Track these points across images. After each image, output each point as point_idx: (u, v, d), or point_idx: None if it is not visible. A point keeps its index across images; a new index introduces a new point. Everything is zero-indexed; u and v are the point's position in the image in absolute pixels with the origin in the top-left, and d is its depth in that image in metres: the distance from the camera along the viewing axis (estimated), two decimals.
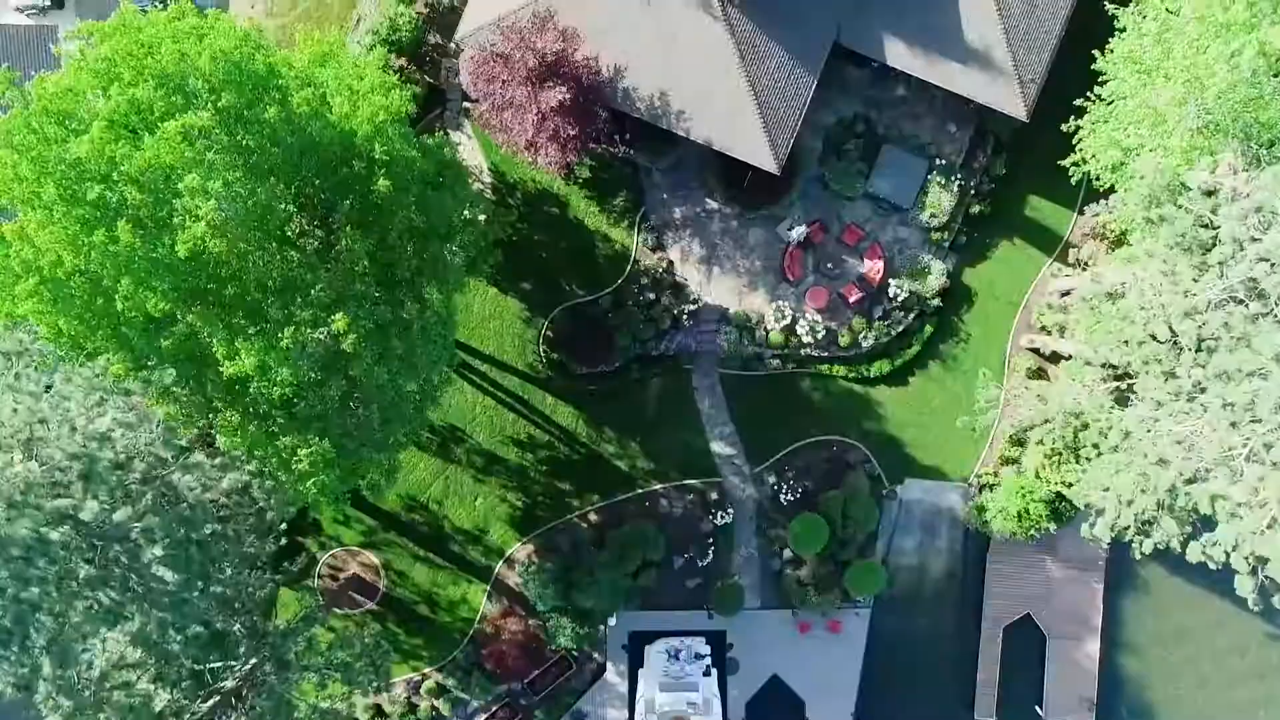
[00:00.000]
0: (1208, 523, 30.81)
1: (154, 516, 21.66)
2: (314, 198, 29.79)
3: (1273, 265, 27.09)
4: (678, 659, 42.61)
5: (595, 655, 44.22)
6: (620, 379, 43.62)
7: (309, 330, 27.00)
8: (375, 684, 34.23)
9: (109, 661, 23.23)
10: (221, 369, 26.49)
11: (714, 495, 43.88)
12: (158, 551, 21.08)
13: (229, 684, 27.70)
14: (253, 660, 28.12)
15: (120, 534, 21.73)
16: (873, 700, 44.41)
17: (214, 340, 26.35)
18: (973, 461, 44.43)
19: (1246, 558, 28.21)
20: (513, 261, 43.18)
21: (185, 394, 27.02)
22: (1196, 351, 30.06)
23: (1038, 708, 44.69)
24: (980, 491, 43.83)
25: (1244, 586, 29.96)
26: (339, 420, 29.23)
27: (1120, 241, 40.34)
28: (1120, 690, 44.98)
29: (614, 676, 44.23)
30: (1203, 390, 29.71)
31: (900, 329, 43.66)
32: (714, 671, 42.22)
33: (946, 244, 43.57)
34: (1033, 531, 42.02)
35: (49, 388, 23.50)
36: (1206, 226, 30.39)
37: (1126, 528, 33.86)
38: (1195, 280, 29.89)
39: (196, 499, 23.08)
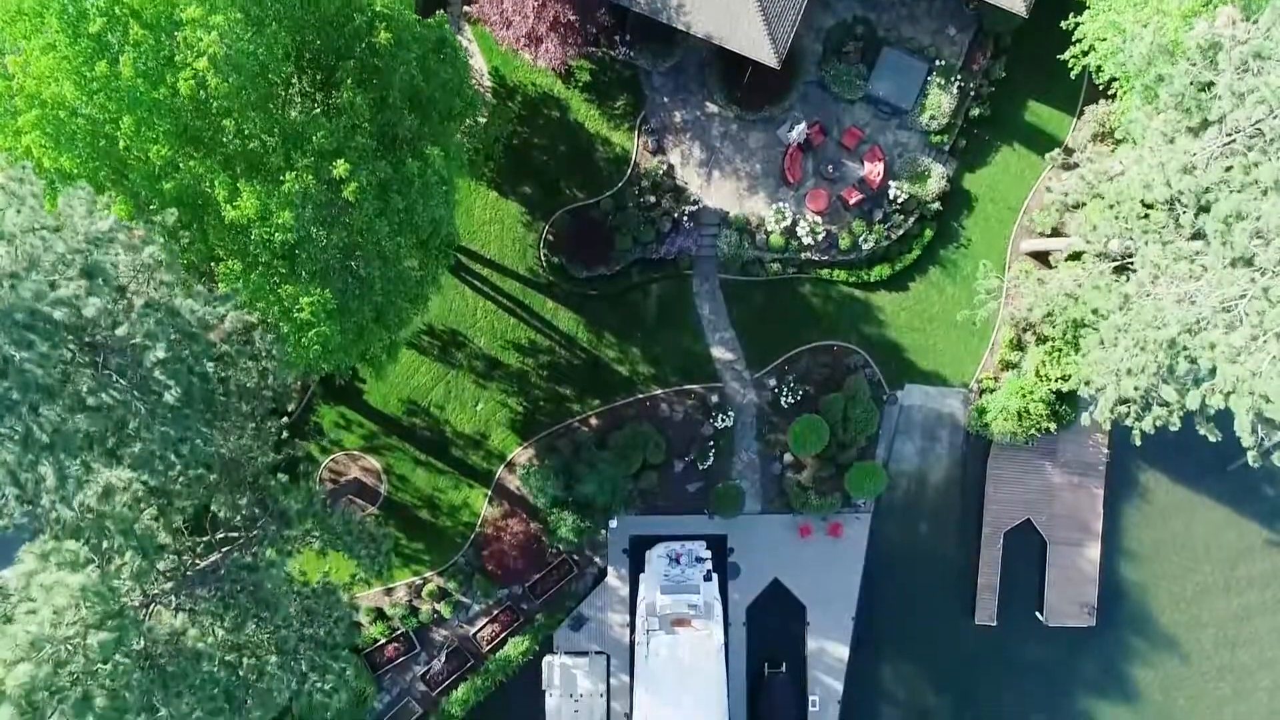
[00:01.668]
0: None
1: (156, 327, 21.69)
2: (315, 60, 29.88)
3: (1272, 109, 27.17)
4: (678, 563, 42.64)
5: (596, 559, 44.30)
6: (620, 283, 43.69)
7: (310, 177, 27.08)
8: (376, 563, 34.14)
9: (109, 490, 23.26)
10: (223, 214, 26.60)
11: (714, 399, 43.97)
12: (160, 353, 21.08)
13: (226, 535, 27.76)
14: (254, 511, 28.18)
15: (121, 345, 21.77)
16: (873, 605, 44.47)
17: (215, 184, 26.42)
18: (973, 366, 44.49)
19: (1247, 407, 28.25)
20: (513, 165, 43.39)
21: (187, 238, 27.14)
22: (1197, 213, 30.20)
23: (1038, 613, 44.73)
24: (980, 395, 43.91)
25: (1245, 440, 30.13)
26: (340, 279, 29.32)
27: (1120, 143, 40.37)
28: (1120, 595, 44.99)
29: (615, 581, 44.28)
30: (1202, 240, 29.83)
31: (900, 233, 43.73)
32: (715, 576, 42.19)
33: (946, 148, 43.64)
34: (1033, 431, 42.14)
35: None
36: (1205, 89, 30.48)
37: (1126, 405, 33.97)
38: (1195, 138, 30.00)
39: (199, 322, 23.11)
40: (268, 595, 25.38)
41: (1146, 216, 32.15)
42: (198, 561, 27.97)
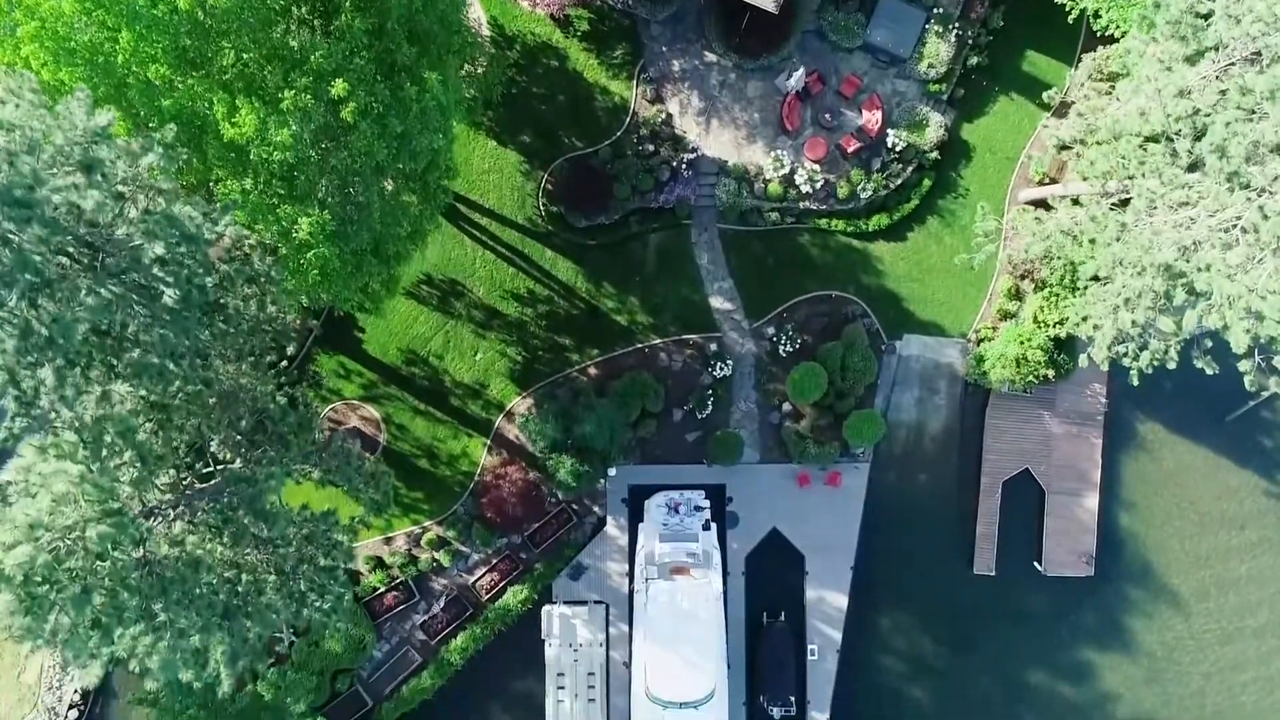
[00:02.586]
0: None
1: (155, 227, 21.74)
2: None
3: (1267, 27, 27.21)
4: (677, 513, 42.70)
5: (595, 509, 44.37)
6: (619, 232, 43.74)
7: (308, 97, 27.10)
8: (375, 500, 34.25)
9: (106, 394, 23.33)
10: (222, 132, 26.65)
11: (713, 349, 44.04)
12: (159, 250, 21.13)
13: (224, 454, 27.80)
14: (254, 436, 28.22)
15: (120, 247, 21.82)
16: (872, 554, 44.51)
17: (214, 101, 26.46)
18: (971, 316, 44.54)
19: (1244, 329, 28.28)
20: (511, 115, 43.47)
21: (185, 155, 27.18)
22: (1193, 142, 30.26)
23: (1036, 563, 44.80)
24: (979, 344, 43.96)
25: (1242, 365, 30.22)
26: (339, 204, 29.35)
27: (1118, 79, 40.38)
28: (1118, 545, 45.05)
29: (614, 530, 44.35)
30: (1198, 172, 29.89)
31: (898, 182, 43.77)
32: (713, 525, 42.24)
33: (944, 97, 43.69)
34: (1031, 378, 42.19)
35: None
36: (1202, 18, 30.53)
37: (1124, 345, 34.04)
38: (1191, 65, 30.07)
39: (197, 228, 23.14)
40: (266, 510, 25.42)
41: (1144, 150, 32.22)
42: (196, 483, 28.04)
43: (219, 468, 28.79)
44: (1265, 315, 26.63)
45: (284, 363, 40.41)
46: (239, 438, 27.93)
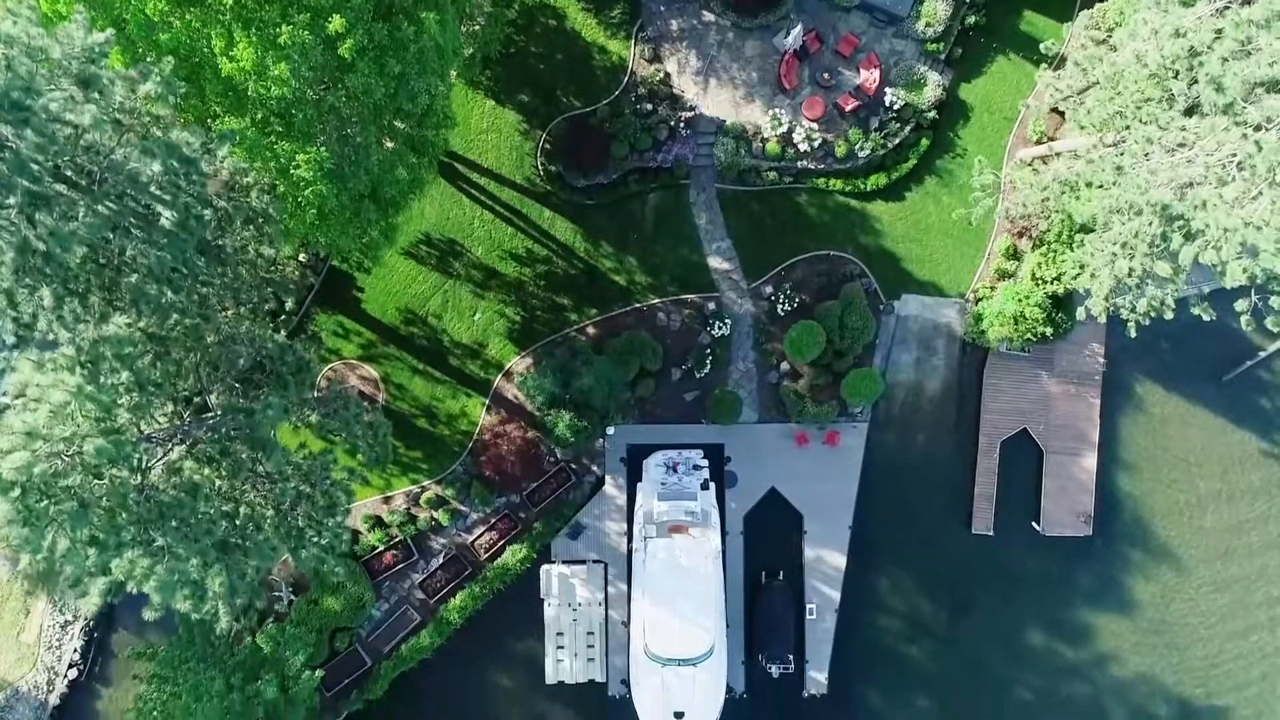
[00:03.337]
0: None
1: (153, 146, 21.79)
2: None
3: None
4: (675, 472, 42.74)
5: (594, 468, 44.41)
6: (617, 192, 43.79)
7: (306, 33, 27.13)
8: (374, 448, 34.25)
9: (104, 316, 23.36)
10: (220, 67, 26.70)
11: (711, 308, 44.07)
12: (156, 167, 21.17)
13: (222, 394, 27.83)
14: (253, 375, 28.27)
15: (118, 169, 21.85)
16: (871, 514, 44.53)
17: (212, 35, 26.51)
18: (969, 276, 44.58)
19: (1241, 268, 28.30)
20: (510, 74, 43.52)
21: (184, 89, 27.18)
22: (1190, 85, 30.28)
23: (1034, 522, 44.82)
24: (977, 303, 43.99)
25: (1239, 305, 30.29)
26: (337, 145, 29.39)
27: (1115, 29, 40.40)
28: (1117, 505, 45.07)
29: (612, 489, 44.38)
30: (1195, 116, 29.92)
31: (896, 141, 43.82)
32: (712, 484, 42.29)
33: (942, 56, 43.73)
34: (1029, 336, 42.18)
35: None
36: None
37: (1122, 294, 34.06)
38: (1187, 7, 30.10)
39: (194, 153, 23.18)
40: (264, 439, 25.46)
41: (1141, 108, 32.16)
42: (194, 417, 28.08)
43: (216, 409, 28.83)
44: (1261, 247, 26.64)
45: (282, 316, 40.63)
46: (236, 379, 27.95)
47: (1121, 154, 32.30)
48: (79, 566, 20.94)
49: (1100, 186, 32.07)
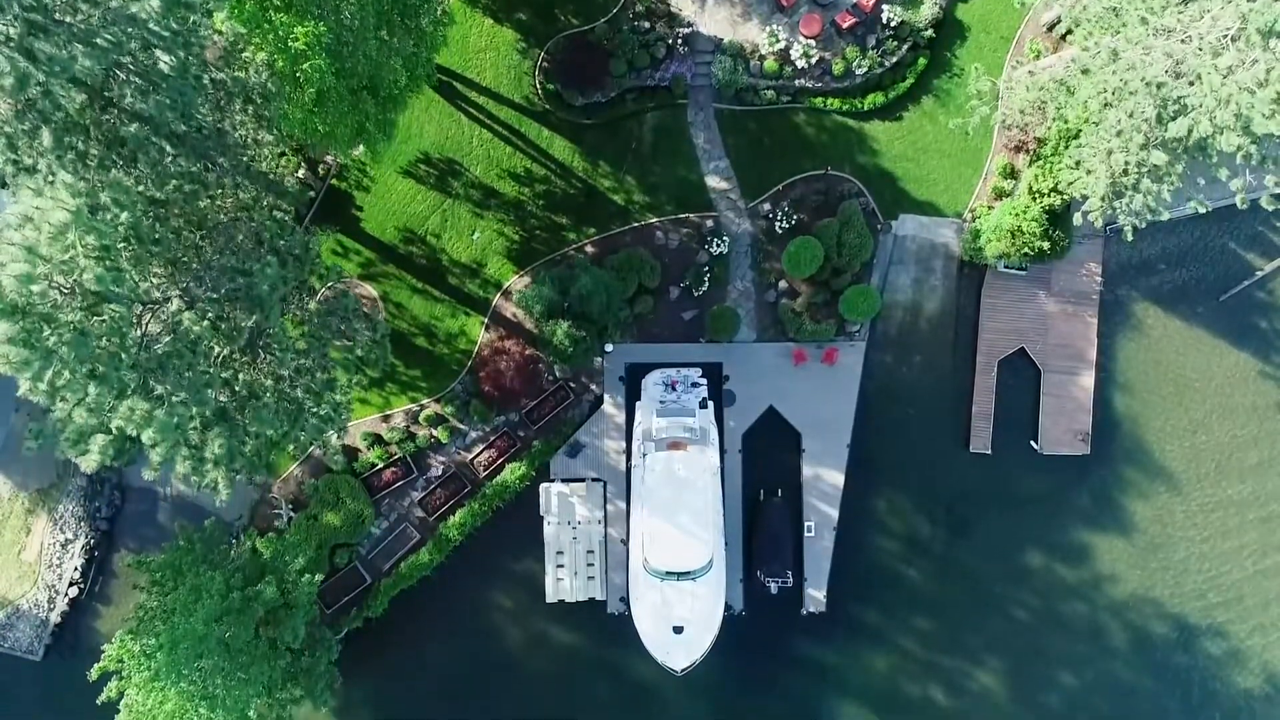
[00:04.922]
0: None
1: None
2: None
3: None
4: (674, 390, 42.87)
5: (592, 387, 44.53)
6: (615, 110, 43.88)
7: None
8: (376, 354, 34.31)
9: (102, 162, 23.46)
10: None
11: (709, 226, 44.17)
12: (154, 4, 21.24)
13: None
14: (254, 249, 28.34)
15: (118, 16, 21.94)
16: (869, 433, 44.65)
17: None
18: (966, 196, 44.66)
19: (1235, 144, 28.42)
20: None
21: None
22: None
23: (1032, 441, 44.92)
24: (974, 222, 44.07)
25: (1234, 185, 30.39)
26: (334, 24, 29.50)
27: None
28: (1114, 424, 45.17)
29: (611, 408, 44.50)
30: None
31: (894, 60, 43.90)
32: (710, 403, 42.42)
33: None
34: (1026, 251, 42.22)
35: None
36: None
37: (1119, 196, 34.16)
38: None
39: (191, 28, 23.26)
40: (261, 296, 25.51)
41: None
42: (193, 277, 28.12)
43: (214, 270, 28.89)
44: (1255, 109, 26.75)
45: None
46: (234, 250, 28.02)
47: (1117, 35, 32.41)
48: (79, 392, 20.96)
49: (1097, 70, 32.15)
